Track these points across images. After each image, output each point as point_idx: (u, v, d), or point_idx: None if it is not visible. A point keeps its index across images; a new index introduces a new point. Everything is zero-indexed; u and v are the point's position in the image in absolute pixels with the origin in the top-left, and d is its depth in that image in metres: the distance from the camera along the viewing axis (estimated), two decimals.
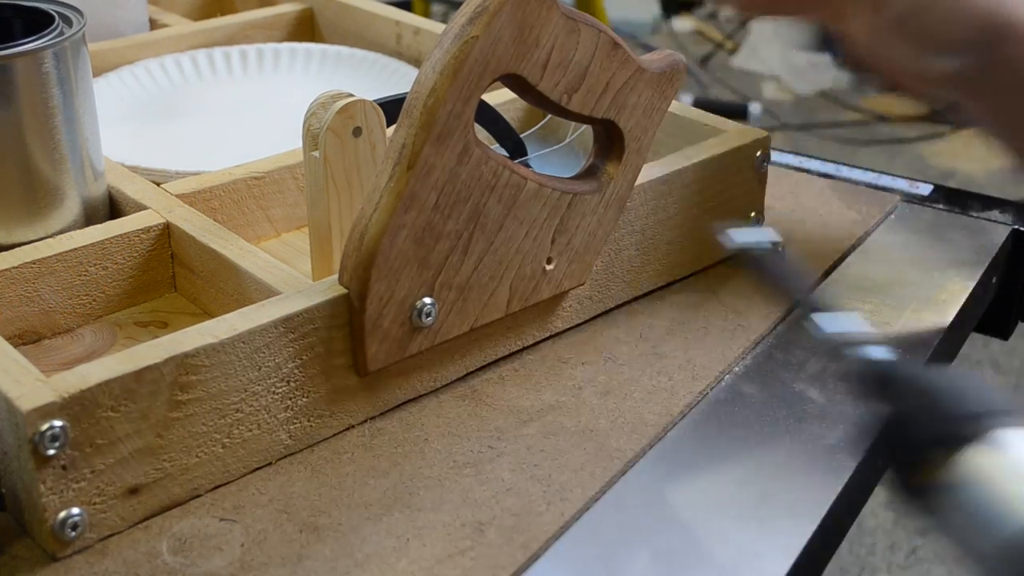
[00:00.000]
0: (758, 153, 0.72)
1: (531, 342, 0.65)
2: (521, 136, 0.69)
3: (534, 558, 0.51)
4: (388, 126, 0.62)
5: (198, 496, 0.54)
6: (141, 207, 0.66)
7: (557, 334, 0.66)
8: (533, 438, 0.58)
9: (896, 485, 0.48)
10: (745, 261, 0.73)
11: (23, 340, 0.62)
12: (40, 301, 0.62)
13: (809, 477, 0.57)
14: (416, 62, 0.92)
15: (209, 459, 0.54)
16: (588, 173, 0.64)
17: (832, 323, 0.50)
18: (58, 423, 0.48)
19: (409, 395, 0.60)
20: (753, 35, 3.52)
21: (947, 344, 0.70)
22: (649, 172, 0.67)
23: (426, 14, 2.75)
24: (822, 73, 3.35)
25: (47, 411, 0.48)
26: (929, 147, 3.00)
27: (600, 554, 0.51)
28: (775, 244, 0.73)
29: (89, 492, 0.50)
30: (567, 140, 0.71)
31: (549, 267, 0.62)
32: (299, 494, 0.54)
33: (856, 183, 0.86)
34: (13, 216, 0.64)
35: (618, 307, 0.69)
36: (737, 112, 2.91)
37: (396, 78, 0.89)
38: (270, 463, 0.56)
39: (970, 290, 0.73)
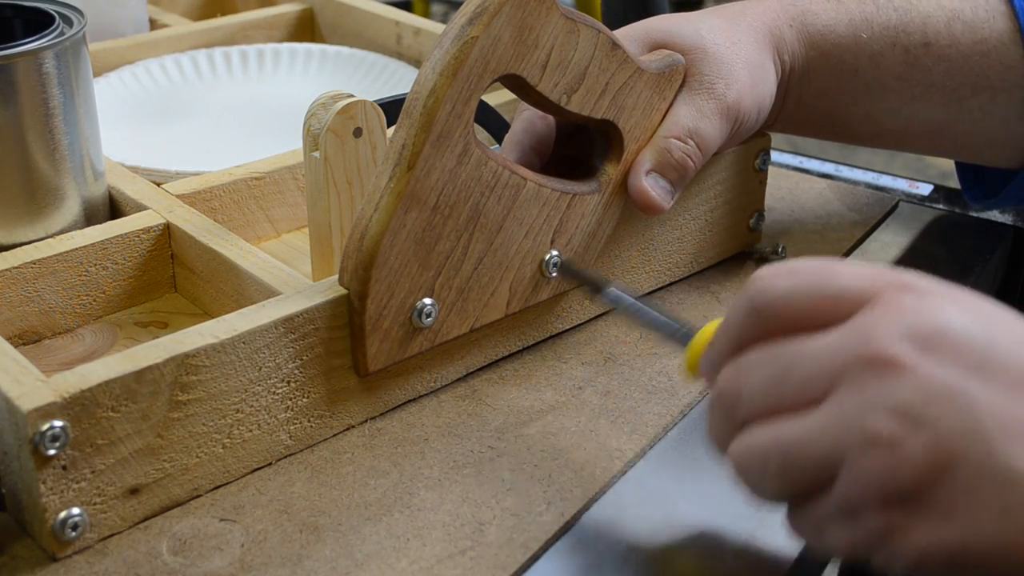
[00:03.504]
0: (758, 153, 0.72)
1: (531, 342, 0.65)
2: None
3: (534, 558, 0.51)
4: (388, 126, 0.62)
5: (198, 496, 0.54)
6: (141, 207, 0.66)
7: (557, 334, 0.66)
8: (533, 438, 0.58)
9: None
10: (744, 263, 0.74)
11: (23, 340, 0.62)
12: (40, 301, 0.62)
13: None
14: (416, 62, 0.92)
15: (209, 459, 0.54)
16: (588, 173, 0.64)
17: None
18: (58, 423, 0.48)
19: (409, 395, 0.60)
20: None
21: None
22: None
23: (426, 14, 2.75)
24: None
25: (47, 411, 0.48)
26: None
27: (600, 554, 0.51)
28: (777, 247, 0.73)
29: (89, 492, 0.50)
30: None
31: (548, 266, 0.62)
32: (299, 494, 0.54)
33: (856, 183, 0.86)
34: (13, 216, 0.64)
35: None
36: None
37: (396, 78, 0.89)
38: (270, 463, 0.56)
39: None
